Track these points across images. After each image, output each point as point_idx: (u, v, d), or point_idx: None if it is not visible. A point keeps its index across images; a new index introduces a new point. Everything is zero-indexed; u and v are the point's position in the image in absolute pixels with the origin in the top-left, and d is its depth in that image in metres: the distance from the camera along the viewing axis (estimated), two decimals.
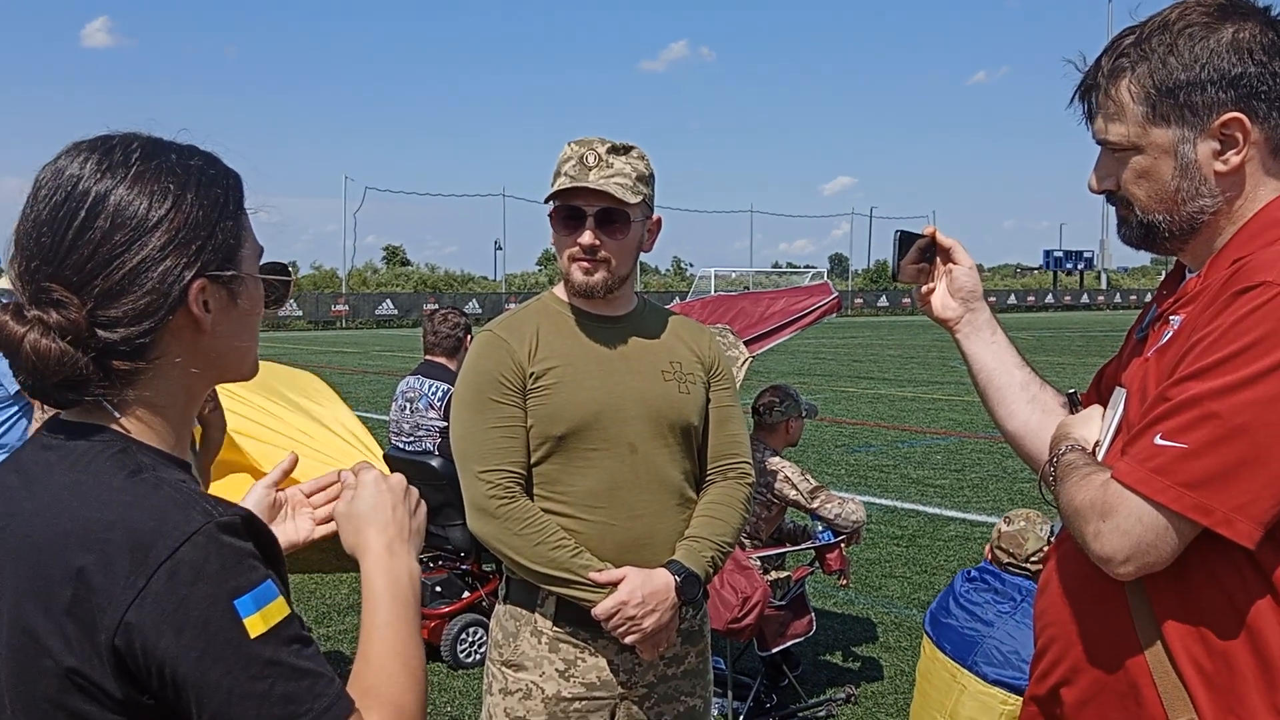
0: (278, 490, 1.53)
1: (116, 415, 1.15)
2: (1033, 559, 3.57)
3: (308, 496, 1.54)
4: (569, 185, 2.29)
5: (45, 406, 1.20)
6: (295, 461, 1.55)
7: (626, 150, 2.34)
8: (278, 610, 1.06)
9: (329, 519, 1.47)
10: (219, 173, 1.21)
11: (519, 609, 2.40)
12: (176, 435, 1.21)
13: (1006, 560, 3.61)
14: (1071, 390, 1.79)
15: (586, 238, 2.31)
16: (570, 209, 2.33)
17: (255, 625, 1.04)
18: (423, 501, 1.36)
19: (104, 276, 1.11)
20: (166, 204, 1.14)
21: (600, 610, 2.28)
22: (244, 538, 1.08)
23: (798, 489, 4.57)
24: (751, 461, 2.56)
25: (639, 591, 2.28)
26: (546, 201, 2.36)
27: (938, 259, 1.89)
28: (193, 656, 1.02)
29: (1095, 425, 1.62)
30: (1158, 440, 1.38)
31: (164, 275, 1.12)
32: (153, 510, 1.06)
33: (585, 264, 2.34)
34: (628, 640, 2.30)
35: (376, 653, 1.18)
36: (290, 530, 1.50)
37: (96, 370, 1.12)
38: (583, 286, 2.35)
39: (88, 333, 1.10)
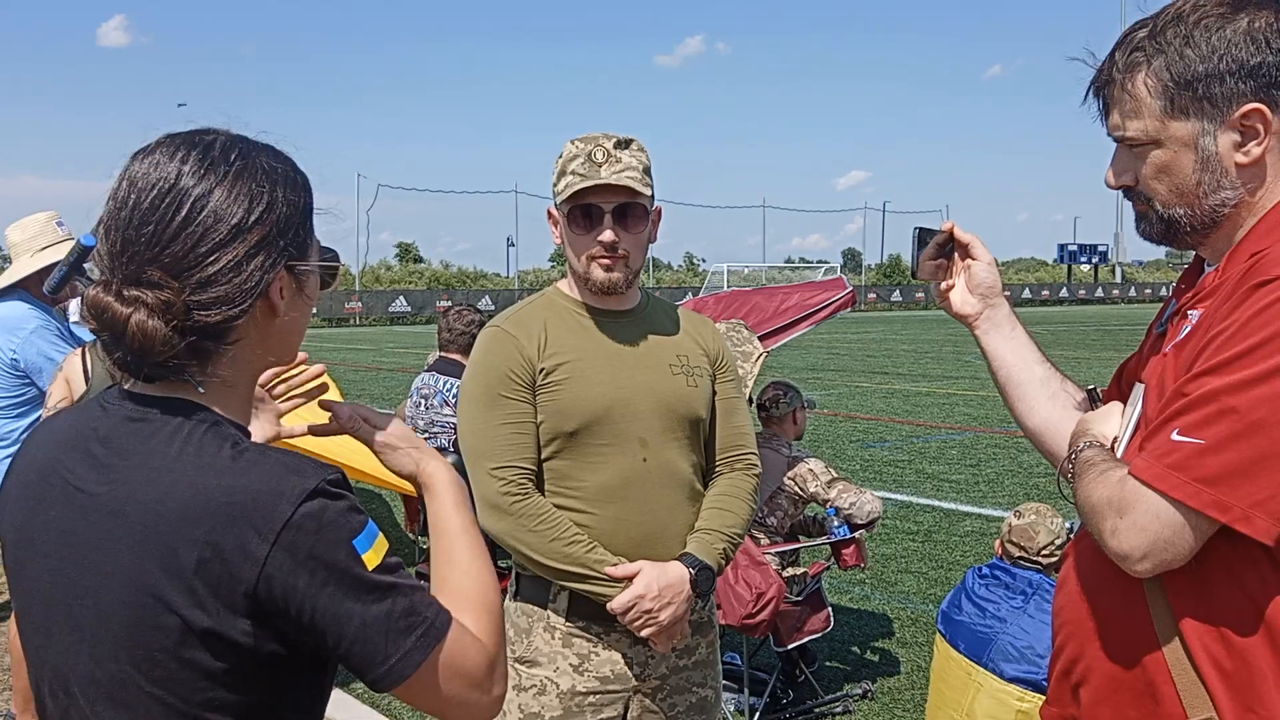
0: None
1: (201, 390, 1.24)
2: (1044, 552, 3.55)
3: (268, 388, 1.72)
4: (586, 184, 2.27)
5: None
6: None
7: (628, 144, 2.33)
8: (382, 544, 1.21)
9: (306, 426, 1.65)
10: (298, 175, 1.31)
11: (531, 605, 2.41)
12: (244, 410, 1.32)
13: (1018, 554, 3.60)
14: (1091, 386, 1.77)
15: (608, 235, 2.30)
16: (587, 207, 2.32)
17: (371, 559, 1.19)
18: None
19: (202, 267, 1.19)
20: (262, 205, 1.23)
21: (617, 604, 2.28)
22: (346, 491, 1.21)
23: (819, 480, 4.64)
24: (757, 453, 2.56)
25: (655, 585, 2.28)
26: (565, 203, 2.32)
27: (956, 255, 1.88)
28: (327, 593, 1.16)
29: (1114, 421, 1.61)
30: (1175, 436, 1.37)
31: (255, 268, 1.22)
32: (267, 475, 1.17)
33: (606, 261, 2.32)
34: (644, 633, 2.31)
35: (461, 556, 1.34)
36: (258, 429, 1.64)
37: (187, 350, 1.20)
38: (605, 284, 2.34)
39: (184, 315, 1.18)
